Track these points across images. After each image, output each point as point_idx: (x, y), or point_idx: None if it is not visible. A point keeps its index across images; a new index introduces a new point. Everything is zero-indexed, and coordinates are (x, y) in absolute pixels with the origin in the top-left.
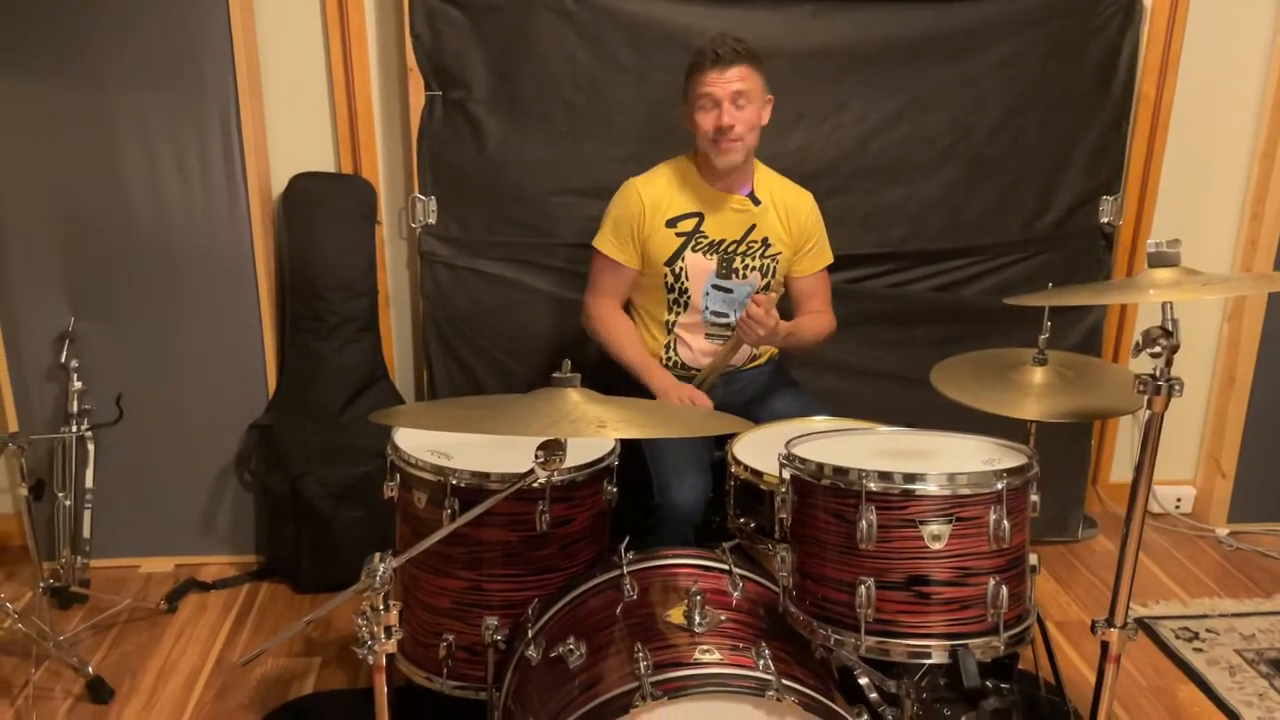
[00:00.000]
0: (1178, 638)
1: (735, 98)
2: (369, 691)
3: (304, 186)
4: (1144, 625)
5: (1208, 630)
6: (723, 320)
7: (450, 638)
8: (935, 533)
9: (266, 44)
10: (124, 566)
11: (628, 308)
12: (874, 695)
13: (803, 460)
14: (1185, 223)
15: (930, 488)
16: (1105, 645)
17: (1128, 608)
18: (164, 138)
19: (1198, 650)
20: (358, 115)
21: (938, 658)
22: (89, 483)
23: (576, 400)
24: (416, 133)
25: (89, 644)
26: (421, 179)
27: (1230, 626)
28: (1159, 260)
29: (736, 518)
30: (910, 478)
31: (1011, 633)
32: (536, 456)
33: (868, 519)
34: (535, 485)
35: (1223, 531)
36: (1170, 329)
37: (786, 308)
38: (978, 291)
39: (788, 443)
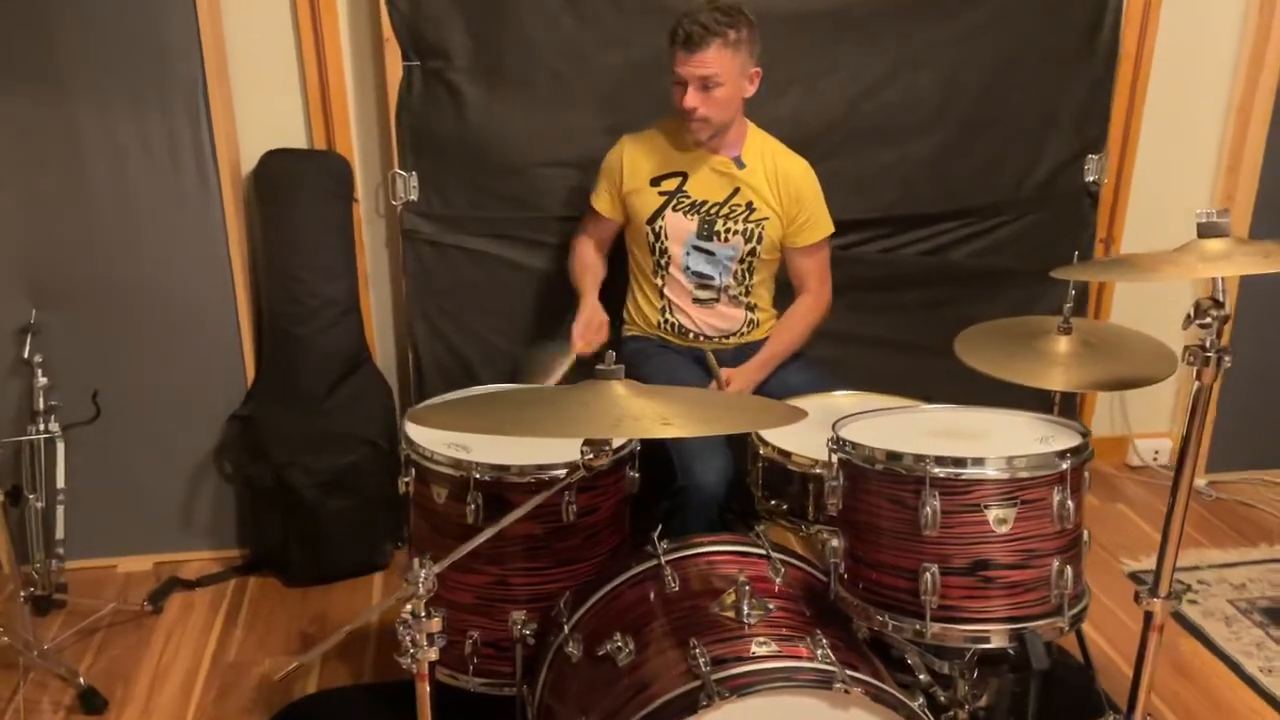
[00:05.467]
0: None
1: (702, 82)
2: (376, 687)
3: (276, 164)
4: (1138, 580)
5: (1200, 582)
6: (707, 282)
7: (475, 634)
8: (1001, 516)
9: (231, 15)
10: (100, 567)
11: (629, 273)
12: (925, 676)
13: (855, 445)
14: (1162, 178)
15: (996, 472)
16: (1149, 615)
17: (1173, 577)
18: (126, 114)
19: (1192, 602)
20: (330, 88)
21: (997, 642)
22: (61, 483)
23: (623, 393)
24: (395, 105)
25: (72, 651)
26: (401, 154)
27: (1221, 577)
28: (1209, 230)
29: (766, 500)
30: (975, 462)
31: (1074, 612)
32: (584, 452)
33: (932, 505)
34: (564, 475)
35: (1201, 482)
36: (1221, 299)
37: (784, 279)
38: (967, 254)
39: (835, 425)
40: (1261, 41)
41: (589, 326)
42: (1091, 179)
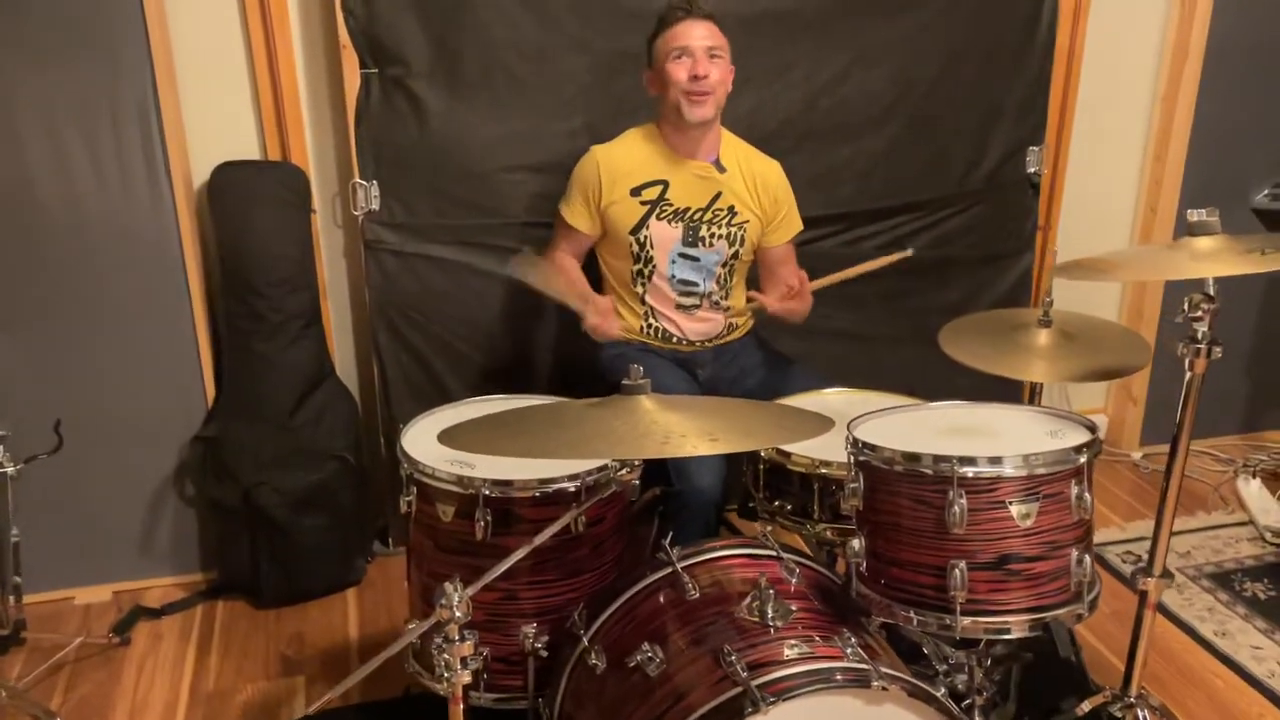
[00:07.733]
0: (1124, 562)
1: (709, 50)
2: (366, 707)
3: (231, 176)
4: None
5: (1148, 552)
6: (691, 289)
7: (486, 650)
8: (1024, 511)
9: (178, 23)
10: (57, 600)
11: (601, 282)
12: (943, 666)
13: (874, 447)
14: (1093, 166)
15: (1018, 469)
16: (1143, 594)
17: (1166, 557)
18: (73, 123)
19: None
20: (283, 98)
21: (1017, 632)
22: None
23: (654, 408)
24: (354, 114)
25: (40, 690)
26: (361, 163)
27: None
28: (1200, 229)
29: (767, 501)
30: (998, 461)
31: (1091, 597)
32: (613, 466)
33: (959, 504)
34: (572, 489)
35: (1137, 455)
36: (1211, 294)
37: (755, 277)
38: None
39: (849, 426)
40: (1184, 34)
41: (605, 311)
42: (1033, 170)
